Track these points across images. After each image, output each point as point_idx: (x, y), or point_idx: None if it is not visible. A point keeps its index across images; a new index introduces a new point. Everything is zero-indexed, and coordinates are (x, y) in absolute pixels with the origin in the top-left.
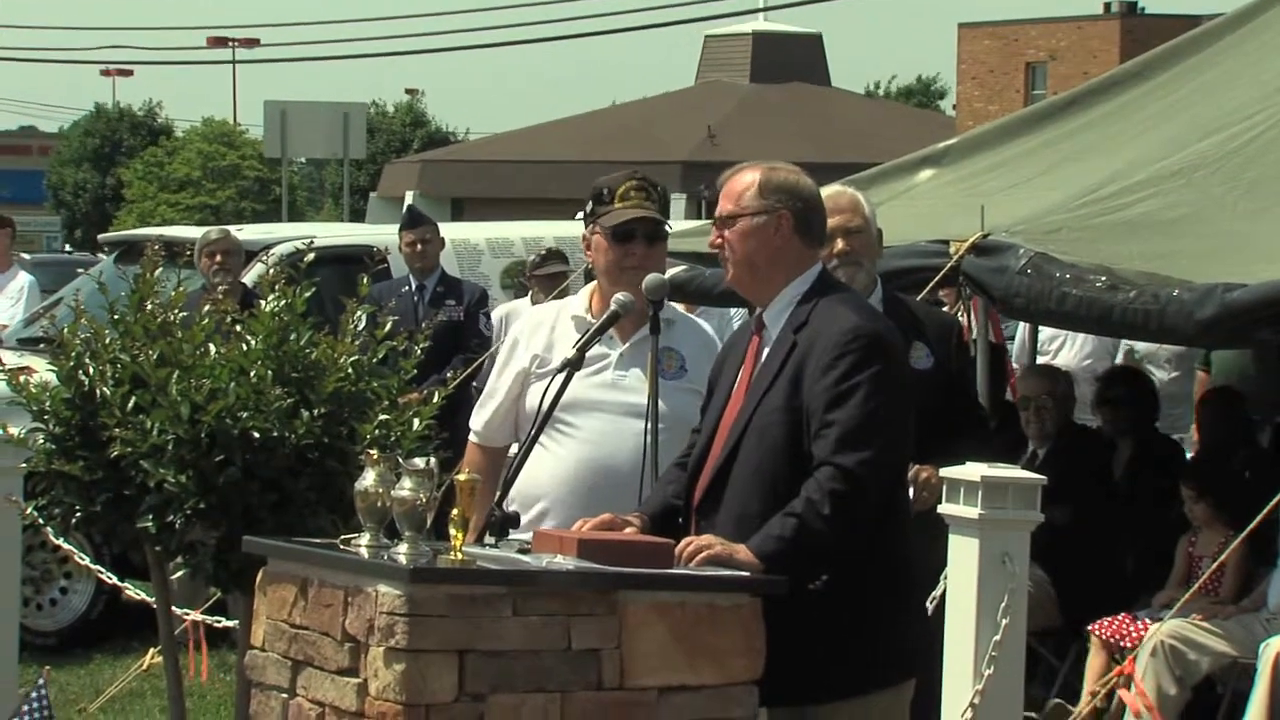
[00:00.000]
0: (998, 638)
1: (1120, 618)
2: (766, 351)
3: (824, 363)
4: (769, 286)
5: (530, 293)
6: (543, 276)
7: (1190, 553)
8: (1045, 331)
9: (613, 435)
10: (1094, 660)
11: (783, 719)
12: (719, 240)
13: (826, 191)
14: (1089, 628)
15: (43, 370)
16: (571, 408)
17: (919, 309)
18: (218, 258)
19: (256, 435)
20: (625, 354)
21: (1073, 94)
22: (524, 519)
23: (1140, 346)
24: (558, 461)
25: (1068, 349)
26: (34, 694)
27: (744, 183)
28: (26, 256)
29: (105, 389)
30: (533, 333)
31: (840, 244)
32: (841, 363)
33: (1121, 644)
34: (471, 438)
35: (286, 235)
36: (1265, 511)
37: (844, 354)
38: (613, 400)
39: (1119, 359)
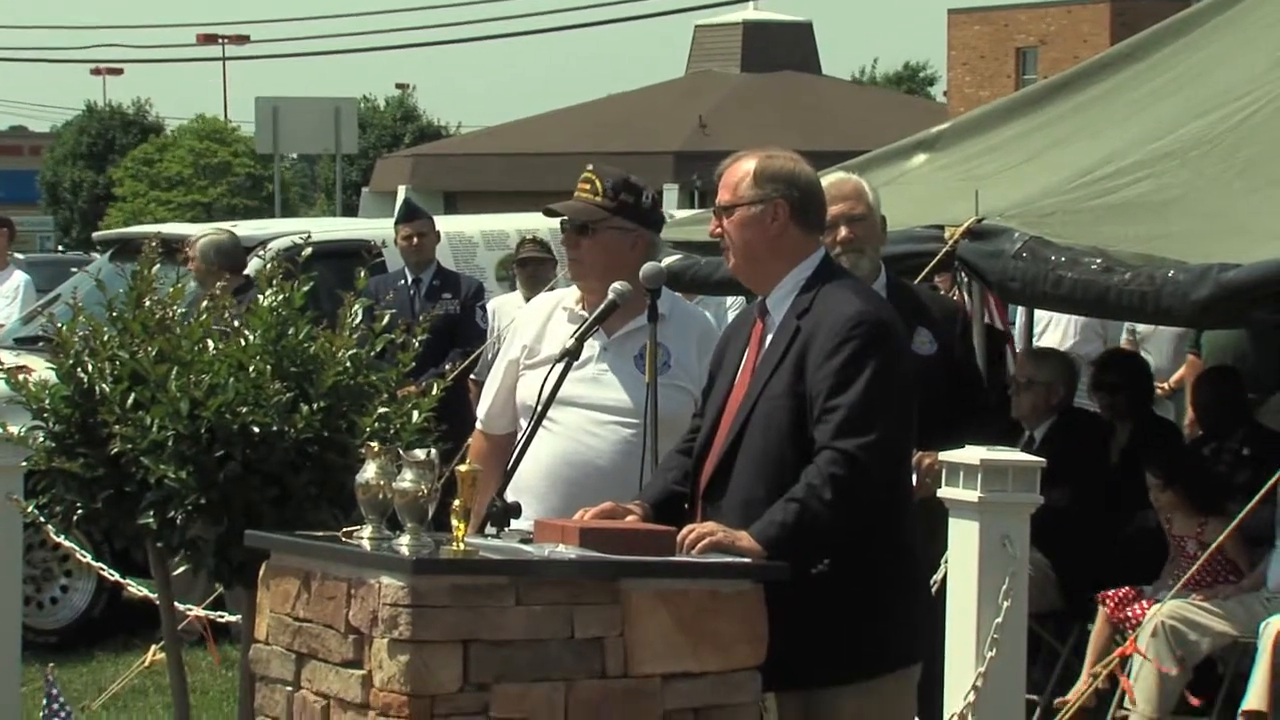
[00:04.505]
0: (999, 620)
1: (1126, 590)
2: (770, 337)
3: (826, 348)
4: (769, 275)
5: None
6: (519, 264)
7: (1171, 533)
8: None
9: (589, 431)
10: (1099, 633)
11: (790, 703)
12: (718, 230)
13: (829, 179)
14: (1098, 595)
15: (41, 369)
16: (553, 402)
17: (923, 294)
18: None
19: (256, 430)
20: (609, 348)
21: (1064, 76)
22: None
23: (1140, 327)
24: (536, 455)
25: (1053, 331)
26: (52, 691)
27: (740, 172)
28: (21, 256)
29: (104, 386)
30: (527, 323)
31: (843, 231)
32: (844, 348)
33: (1130, 619)
34: (477, 424)
35: (282, 231)
36: (1264, 491)
37: (846, 340)
38: (590, 396)
39: (1122, 340)
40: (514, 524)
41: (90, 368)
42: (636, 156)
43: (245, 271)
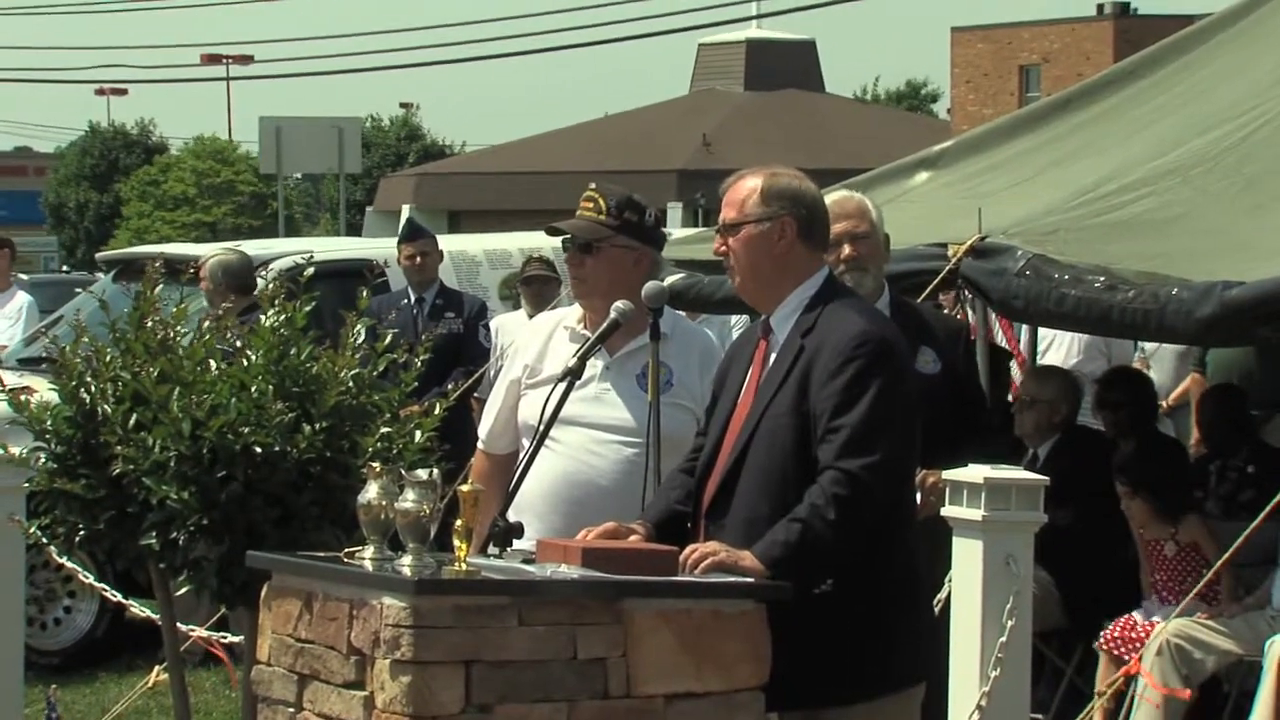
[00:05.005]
0: (1003, 640)
1: (1125, 621)
2: (774, 356)
3: (830, 367)
4: (775, 293)
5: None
6: (524, 283)
7: (1143, 537)
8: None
9: (591, 450)
10: (1105, 669)
11: None
12: (723, 248)
13: (833, 196)
14: (1096, 645)
15: (44, 390)
16: (555, 421)
17: (927, 313)
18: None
19: (258, 450)
20: (612, 367)
21: (1067, 94)
22: None
23: (1147, 346)
24: (538, 475)
25: (1056, 349)
26: (54, 713)
27: (746, 189)
28: (24, 277)
29: (106, 407)
30: (528, 342)
31: (847, 249)
32: (848, 368)
33: (1132, 650)
34: (479, 444)
35: (285, 250)
36: (1269, 509)
37: (850, 359)
38: (593, 415)
39: (1134, 360)
40: (516, 544)
41: (92, 389)
42: (640, 175)
43: (255, 292)
